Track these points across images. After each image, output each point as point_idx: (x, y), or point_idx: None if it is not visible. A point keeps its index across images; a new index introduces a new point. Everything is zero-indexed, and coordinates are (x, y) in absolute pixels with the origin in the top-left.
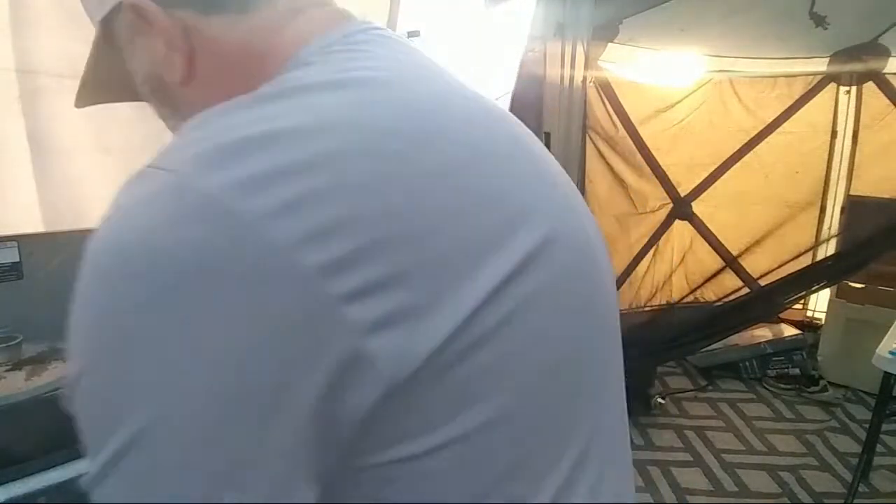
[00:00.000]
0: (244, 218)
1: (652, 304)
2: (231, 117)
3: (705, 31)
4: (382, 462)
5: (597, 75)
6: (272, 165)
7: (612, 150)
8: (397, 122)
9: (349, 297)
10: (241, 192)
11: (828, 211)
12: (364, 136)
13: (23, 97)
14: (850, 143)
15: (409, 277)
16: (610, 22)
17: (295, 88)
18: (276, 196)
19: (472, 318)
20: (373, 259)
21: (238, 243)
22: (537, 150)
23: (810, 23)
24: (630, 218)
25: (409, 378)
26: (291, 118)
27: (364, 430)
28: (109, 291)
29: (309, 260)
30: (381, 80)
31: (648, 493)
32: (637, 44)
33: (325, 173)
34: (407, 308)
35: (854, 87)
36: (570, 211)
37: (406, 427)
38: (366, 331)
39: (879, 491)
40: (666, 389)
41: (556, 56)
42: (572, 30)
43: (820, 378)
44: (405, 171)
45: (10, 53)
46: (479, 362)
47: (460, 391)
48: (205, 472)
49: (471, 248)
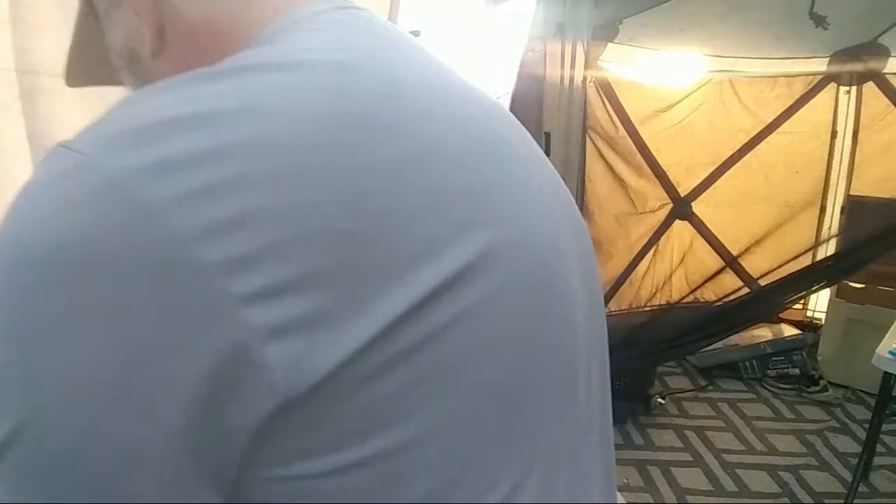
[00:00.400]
0: (144, 205)
1: (652, 304)
2: (164, 95)
3: (705, 31)
4: (287, 476)
5: (597, 75)
6: (185, 150)
7: (612, 150)
8: (336, 111)
9: (250, 299)
10: (146, 177)
11: (828, 211)
12: (294, 125)
13: (23, 97)
14: (850, 143)
15: (320, 281)
16: (610, 22)
17: (239, 68)
18: (183, 183)
19: (395, 328)
20: (281, 258)
21: (133, 232)
22: (515, 149)
23: (810, 23)
24: (630, 218)
25: (310, 391)
26: (222, 101)
27: (260, 441)
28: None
29: (209, 255)
30: (334, 64)
31: (648, 493)
32: (637, 44)
33: (241, 162)
34: (313, 314)
35: (854, 87)
36: (539, 215)
37: (311, 442)
38: (264, 336)
39: (879, 491)
40: (666, 389)
41: (556, 56)
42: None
43: (820, 378)
44: (334, 164)
45: (10, 53)
46: (401, 377)
47: (378, 408)
48: (86, 472)
49: (400, 253)
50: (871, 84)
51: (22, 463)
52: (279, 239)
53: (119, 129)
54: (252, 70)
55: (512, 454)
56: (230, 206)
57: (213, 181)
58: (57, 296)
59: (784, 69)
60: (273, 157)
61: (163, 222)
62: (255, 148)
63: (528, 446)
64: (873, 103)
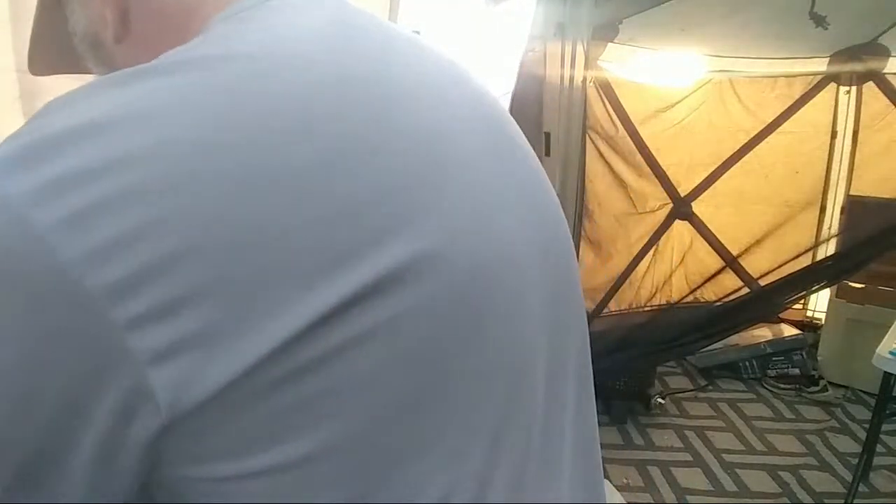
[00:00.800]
0: (34, 228)
1: (652, 304)
2: (77, 101)
3: (705, 31)
4: (200, 477)
5: (597, 75)
6: (73, 167)
7: (612, 150)
8: (237, 114)
9: (133, 324)
10: (36, 200)
11: (828, 211)
12: (186, 131)
13: (23, 97)
14: (850, 143)
15: (208, 296)
16: (610, 22)
17: (148, 70)
18: (69, 205)
19: (296, 342)
20: (165, 276)
21: (22, 258)
22: (463, 148)
23: (810, 23)
24: (630, 218)
25: (199, 407)
26: (117, 108)
27: (158, 448)
28: None
29: (93, 280)
30: (248, 61)
31: (648, 493)
32: (637, 44)
33: (127, 175)
34: (202, 332)
35: (854, 87)
36: (474, 222)
37: (212, 448)
38: (149, 360)
39: (879, 491)
40: (666, 389)
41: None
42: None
43: (820, 378)
44: (228, 171)
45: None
46: (304, 389)
47: (280, 418)
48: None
49: (302, 265)
50: (871, 84)
51: None
52: (162, 255)
53: (23, 144)
54: (161, 72)
55: (430, 471)
56: (113, 225)
57: (96, 200)
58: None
59: (784, 69)
60: (159, 167)
61: (49, 247)
62: (141, 159)
63: (451, 463)
64: (873, 103)
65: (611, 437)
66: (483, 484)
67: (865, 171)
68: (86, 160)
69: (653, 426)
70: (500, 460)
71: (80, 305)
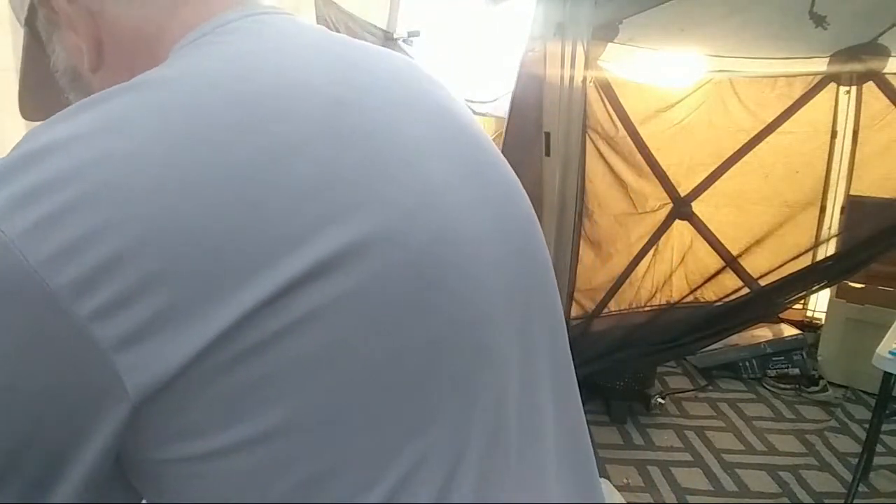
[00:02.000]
0: (5, 237)
1: (652, 304)
2: (58, 123)
3: (705, 31)
4: (167, 458)
5: (597, 75)
6: (33, 183)
7: (612, 150)
8: (181, 124)
9: (95, 316)
10: (8, 211)
11: (828, 211)
12: (135, 141)
13: None
14: (850, 143)
15: (155, 289)
16: (610, 22)
17: (116, 91)
18: (33, 215)
19: (246, 323)
20: (118, 270)
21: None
22: (409, 135)
23: (810, 23)
24: (630, 218)
25: (163, 387)
26: (75, 128)
27: (127, 434)
28: None
29: (57, 279)
30: (198, 76)
31: (648, 493)
32: (637, 44)
33: (75, 187)
34: (156, 317)
35: (854, 87)
36: (421, 207)
37: (178, 427)
38: (112, 349)
39: (879, 491)
40: (666, 389)
41: (556, 56)
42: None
43: (820, 378)
44: (166, 176)
45: (11, 53)
46: (259, 368)
47: (238, 396)
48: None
49: (248, 251)
50: (871, 84)
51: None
52: (111, 255)
53: (2, 165)
54: (116, 94)
55: (391, 447)
56: (67, 231)
57: (53, 209)
58: None
59: (784, 69)
60: (100, 178)
61: (18, 252)
62: (85, 172)
63: (413, 438)
64: (873, 103)
65: (611, 437)
66: (454, 458)
67: (865, 171)
68: (43, 176)
69: (653, 426)
70: (469, 434)
71: (45, 304)
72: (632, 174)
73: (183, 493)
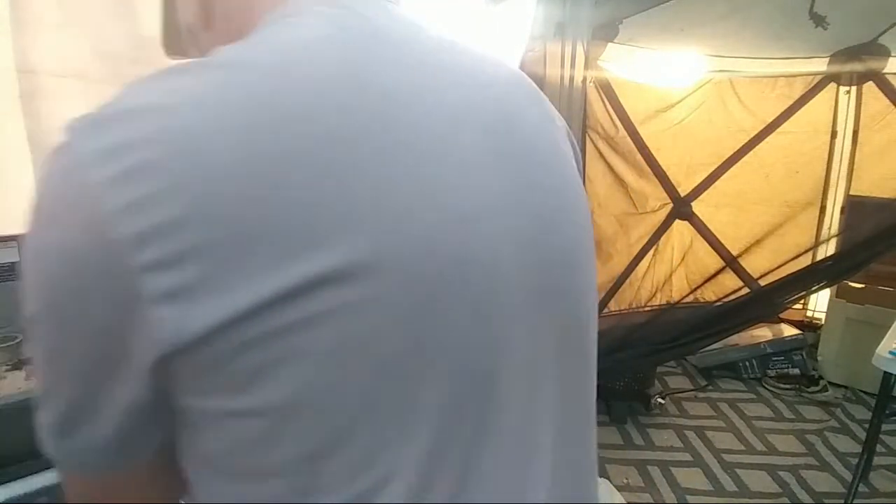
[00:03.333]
0: (87, 185)
1: (652, 304)
2: (137, 87)
3: (705, 31)
4: (201, 408)
5: (597, 75)
6: (121, 139)
7: (612, 150)
8: (246, 107)
9: (145, 268)
10: (94, 160)
11: (828, 211)
12: (206, 118)
13: (23, 97)
14: (850, 143)
15: (207, 253)
16: (610, 22)
17: (203, 65)
18: (112, 167)
19: (263, 310)
20: (176, 232)
21: (77, 208)
22: (472, 149)
23: (810, 23)
24: (630, 218)
25: (190, 344)
26: (167, 96)
27: (161, 373)
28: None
29: (123, 229)
30: (267, 65)
31: (648, 493)
32: (637, 44)
33: (163, 149)
34: (197, 282)
35: (854, 87)
36: (436, 225)
37: (202, 384)
38: (154, 300)
39: (879, 491)
40: (666, 389)
41: (556, 56)
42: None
43: (820, 378)
44: (233, 155)
45: (10, 53)
46: (275, 350)
47: (256, 371)
48: (53, 371)
49: (278, 243)
50: (871, 84)
51: (36, 348)
52: (177, 216)
53: (91, 118)
54: (209, 66)
55: (380, 443)
56: (143, 187)
57: (136, 166)
58: (32, 245)
59: (784, 69)
60: (185, 145)
61: (97, 200)
62: (173, 138)
63: (400, 438)
64: (873, 103)
65: (611, 437)
66: (428, 469)
67: (865, 171)
68: (133, 134)
69: (653, 426)
70: (449, 444)
71: (109, 249)
72: (632, 174)
73: (198, 439)
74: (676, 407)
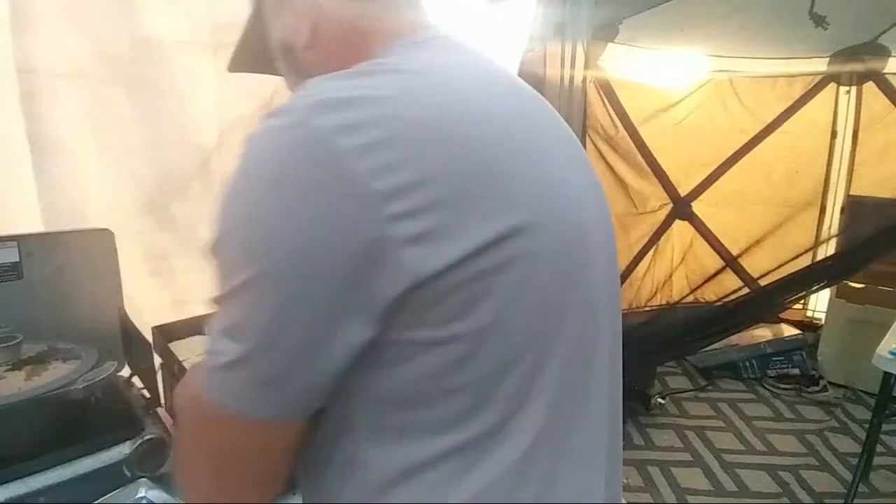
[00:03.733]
0: (337, 152)
1: (652, 304)
2: (336, 83)
3: (705, 31)
4: (406, 339)
5: (597, 75)
6: (361, 117)
7: (613, 150)
8: (446, 102)
9: (394, 218)
10: (337, 133)
11: (828, 211)
12: (419, 108)
13: (23, 97)
14: (850, 143)
15: (438, 209)
16: (610, 22)
17: (384, 70)
18: (360, 138)
19: (475, 255)
20: (418, 189)
21: (329, 170)
22: (555, 140)
23: (810, 23)
24: (630, 218)
25: (426, 281)
26: (379, 89)
27: (394, 308)
28: (244, 183)
29: (376, 186)
30: (439, 72)
31: (648, 493)
32: (637, 44)
33: (390, 128)
34: (433, 230)
35: (854, 87)
36: (568, 200)
37: (424, 316)
38: (401, 244)
39: (879, 491)
40: (666, 389)
41: (556, 56)
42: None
43: (820, 378)
44: (451, 135)
45: (10, 53)
46: (475, 289)
47: (459, 305)
48: (285, 322)
49: (480, 206)
50: (871, 84)
51: (246, 302)
52: (417, 177)
53: (316, 101)
54: (393, 71)
55: (525, 379)
56: (388, 154)
57: (376, 139)
58: (274, 200)
59: (784, 69)
60: (410, 125)
61: (348, 164)
62: (400, 116)
63: (543, 375)
64: (873, 103)
65: None
66: (549, 406)
67: (865, 171)
68: (367, 114)
69: (653, 426)
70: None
71: (365, 201)
72: (632, 174)
73: (396, 371)
74: (676, 407)
